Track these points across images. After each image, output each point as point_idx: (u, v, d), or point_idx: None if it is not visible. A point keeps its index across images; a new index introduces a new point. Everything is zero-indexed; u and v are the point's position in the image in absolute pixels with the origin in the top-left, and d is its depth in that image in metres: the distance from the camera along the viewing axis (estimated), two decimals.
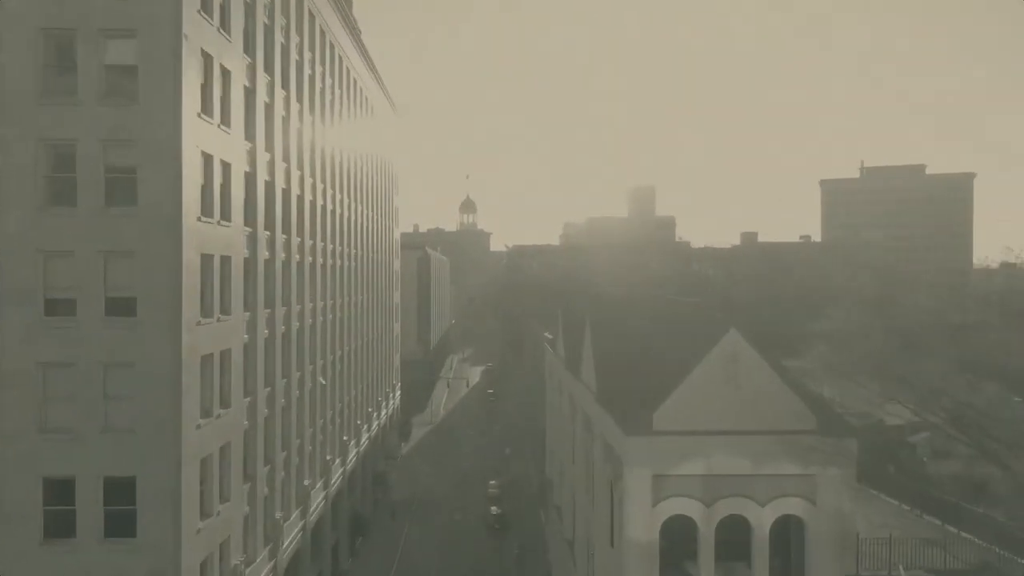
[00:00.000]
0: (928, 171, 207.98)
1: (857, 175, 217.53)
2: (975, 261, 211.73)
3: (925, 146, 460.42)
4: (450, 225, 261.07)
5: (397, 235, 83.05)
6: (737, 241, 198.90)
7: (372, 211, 68.46)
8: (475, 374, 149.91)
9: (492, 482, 73.22)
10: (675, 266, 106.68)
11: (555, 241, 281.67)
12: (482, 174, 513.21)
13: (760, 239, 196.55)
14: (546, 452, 65.27)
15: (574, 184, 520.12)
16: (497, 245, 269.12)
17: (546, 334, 71.38)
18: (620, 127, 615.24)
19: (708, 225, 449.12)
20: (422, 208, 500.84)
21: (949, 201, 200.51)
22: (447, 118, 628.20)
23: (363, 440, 61.20)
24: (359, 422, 59.88)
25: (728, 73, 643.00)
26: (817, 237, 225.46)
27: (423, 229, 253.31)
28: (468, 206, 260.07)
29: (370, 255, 67.09)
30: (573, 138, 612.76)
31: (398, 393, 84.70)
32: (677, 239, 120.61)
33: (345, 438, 54.29)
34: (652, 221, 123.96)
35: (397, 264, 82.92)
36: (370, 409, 65.32)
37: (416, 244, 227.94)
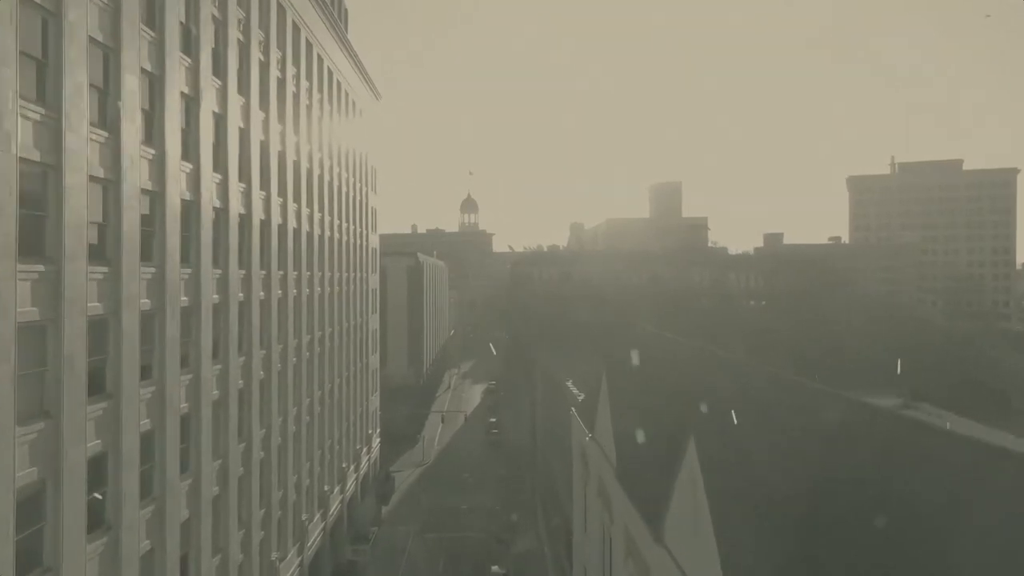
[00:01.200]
0: (966, 167, 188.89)
1: (887, 171, 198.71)
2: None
3: (957, 142, 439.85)
4: (451, 225, 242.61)
5: (375, 243, 64.30)
6: (760, 243, 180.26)
7: (340, 219, 49.99)
8: (476, 393, 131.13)
9: (495, 568, 54.74)
10: (713, 276, 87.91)
11: (563, 242, 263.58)
12: (486, 171, 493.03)
13: (780, 241, 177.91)
14: (573, 559, 46.40)
15: (583, 183, 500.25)
16: (500, 246, 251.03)
17: (571, 385, 52.48)
18: (632, 123, 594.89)
19: (725, 226, 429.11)
20: (422, 207, 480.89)
21: (990, 199, 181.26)
22: (450, 113, 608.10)
23: (312, 540, 42.45)
24: (304, 518, 41.13)
25: (745, 68, 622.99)
26: (844, 238, 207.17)
27: (422, 230, 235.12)
28: (470, 205, 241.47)
29: (334, 275, 48.58)
30: (583, 135, 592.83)
31: (377, 443, 65.99)
32: (711, 243, 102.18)
33: (275, 557, 35.50)
34: (679, 222, 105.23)
35: (375, 280, 64.18)
36: (327, 488, 46.55)
37: (408, 249, 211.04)
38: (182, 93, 25.16)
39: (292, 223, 38.97)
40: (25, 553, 17.08)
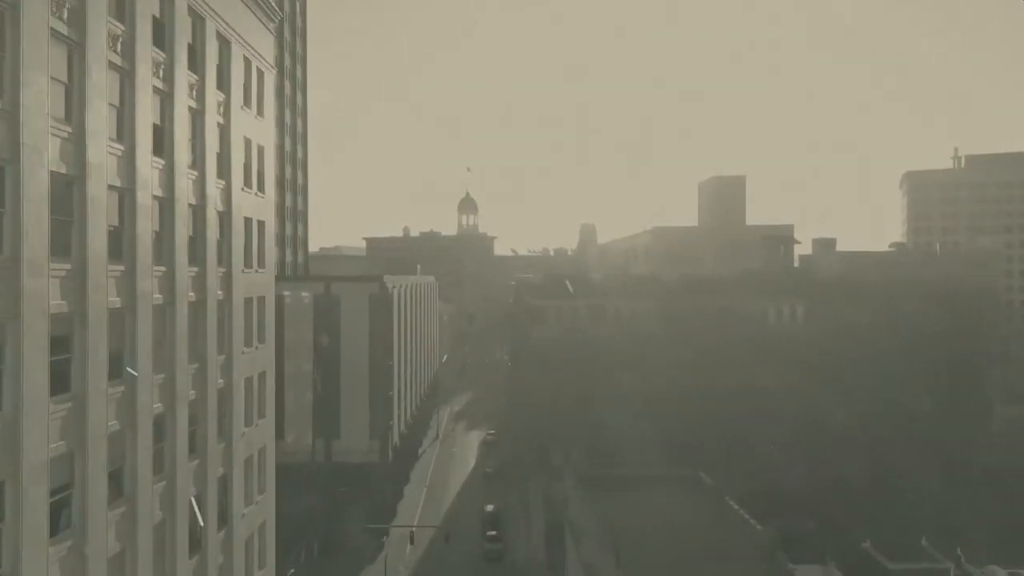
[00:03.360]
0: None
1: (948, 165, 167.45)
2: None
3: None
4: (448, 228, 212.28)
5: (262, 285, 33.43)
6: (805, 249, 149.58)
7: (170, 265, 19.73)
8: (470, 447, 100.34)
9: None
10: (826, 316, 57.62)
11: (571, 245, 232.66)
12: (487, 169, 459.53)
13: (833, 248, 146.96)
14: None
15: (592, 182, 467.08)
16: (502, 248, 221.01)
17: None
18: (648, 116, 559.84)
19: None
20: (417, 208, 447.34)
21: None
22: (447, 106, 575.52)
23: None
24: None
25: (762, 61, 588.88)
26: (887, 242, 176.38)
27: (415, 232, 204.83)
28: (468, 205, 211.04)
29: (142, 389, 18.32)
30: (590, 129, 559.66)
31: None
32: (798, 262, 70.28)
33: None
34: (747, 233, 74.47)
35: (263, 357, 33.29)
36: None
37: (398, 254, 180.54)
38: None
39: None
40: None
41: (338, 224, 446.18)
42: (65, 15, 18.14)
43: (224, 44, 28.68)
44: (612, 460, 48.93)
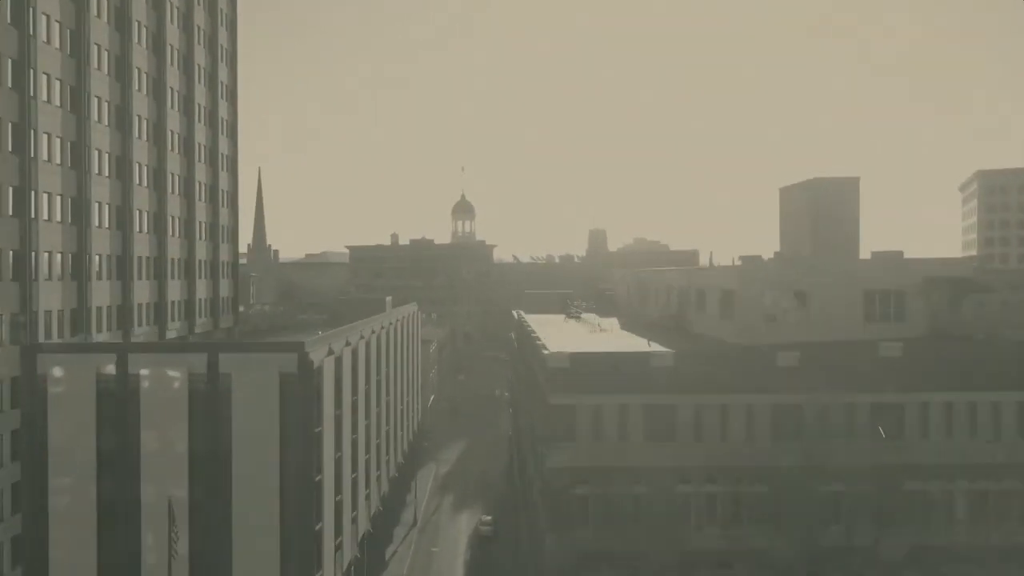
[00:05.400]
0: None
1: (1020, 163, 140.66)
2: None
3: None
4: (442, 235, 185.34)
5: None
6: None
7: None
8: (459, 535, 73.01)
9: None
10: None
11: (579, 251, 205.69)
12: (485, 169, 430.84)
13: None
14: None
15: (599, 183, 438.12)
16: (503, 254, 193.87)
17: None
18: (653, 116, 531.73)
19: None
20: (412, 212, 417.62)
21: None
22: (443, 102, 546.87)
23: None
24: None
25: (771, 56, 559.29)
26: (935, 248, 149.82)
27: (404, 240, 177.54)
28: (464, 209, 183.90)
29: None
30: (595, 126, 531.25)
31: None
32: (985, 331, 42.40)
33: None
34: (877, 270, 47.25)
35: None
36: None
37: (386, 263, 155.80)
38: None
39: None
40: None
41: (329, 228, 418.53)
42: None
43: None
44: None
